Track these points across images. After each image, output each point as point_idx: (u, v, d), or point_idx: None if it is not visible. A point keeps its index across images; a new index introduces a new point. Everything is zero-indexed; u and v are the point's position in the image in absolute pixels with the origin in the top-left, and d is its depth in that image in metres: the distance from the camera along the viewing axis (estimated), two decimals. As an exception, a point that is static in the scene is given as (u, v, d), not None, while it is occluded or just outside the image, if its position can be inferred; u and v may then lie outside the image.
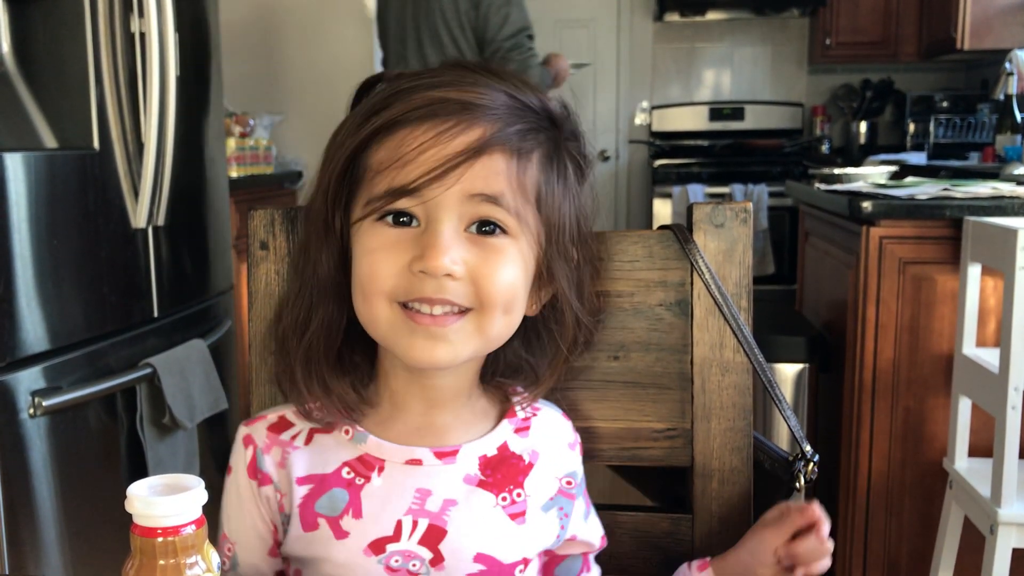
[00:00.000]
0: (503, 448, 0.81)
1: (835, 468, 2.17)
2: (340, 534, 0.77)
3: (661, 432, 0.94)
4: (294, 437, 0.81)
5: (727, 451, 0.93)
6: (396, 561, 0.77)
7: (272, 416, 0.83)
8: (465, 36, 3.13)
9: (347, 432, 0.80)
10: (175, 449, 2.02)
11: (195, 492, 0.57)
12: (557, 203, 0.77)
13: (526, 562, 0.81)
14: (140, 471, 1.91)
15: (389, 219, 0.74)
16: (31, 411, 1.66)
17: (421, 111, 0.72)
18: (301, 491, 0.79)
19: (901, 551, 2.09)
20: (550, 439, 0.84)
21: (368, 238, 0.74)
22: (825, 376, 2.28)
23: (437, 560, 0.77)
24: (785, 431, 2.11)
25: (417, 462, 0.78)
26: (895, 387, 2.02)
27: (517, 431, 0.83)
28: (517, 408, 0.84)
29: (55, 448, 1.72)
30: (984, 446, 1.86)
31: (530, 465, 0.81)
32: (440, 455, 0.79)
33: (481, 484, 0.79)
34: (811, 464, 0.92)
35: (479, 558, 0.78)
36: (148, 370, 1.92)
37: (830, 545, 0.80)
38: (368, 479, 0.78)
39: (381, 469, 0.78)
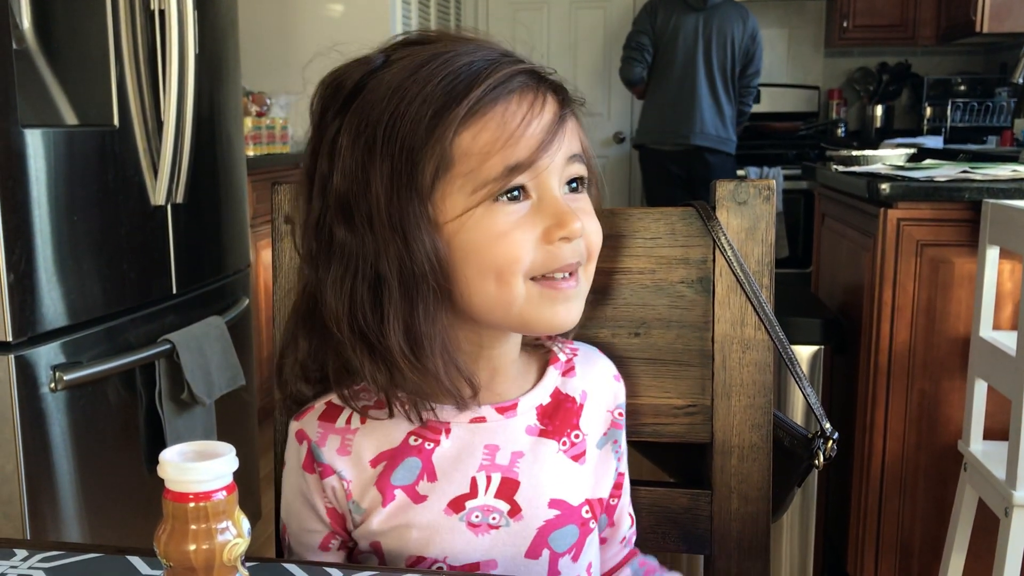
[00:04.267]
0: (556, 393, 0.84)
1: (849, 450, 2.18)
2: (418, 499, 0.80)
3: (681, 408, 0.94)
4: (348, 420, 0.81)
5: (747, 428, 0.94)
6: (476, 516, 0.80)
7: (319, 405, 0.83)
8: (737, 62, 4.09)
9: (404, 404, 0.78)
10: (193, 425, 2.03)
11: (227, 458, 0.57)
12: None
13: (589, 503, 0.83)
14: (158, 446, 1.92)
15: (505, 198, 0.73)
16: (52, 386, 1.67)
17: (507, 87, 0.73)
18: (376, 471, 0.80)
19: (915, 533, 2.09)
20: (596, 375, 0.87)
21: (494, 221, 0.73)
22: (840, 358, 2.28)
23: (515, 511, 0.80)
24: (799, 410, 2.12)
25: (481, 420, 0.81)
26: (911, 369, 2.02)
27: (564, 374, 0.86)
28: (556, 351, 0.86)
29: (75, 422, 1.74)
30: (999, 429, 1.85)
31: (581, 406, 0.84)
32: (501, 410, 0.82)
33: (542, 433, 0.82)
34: (830, 442, 0.93)
35: (553, 503, 0.81)
36: (167, 346, 1.94)
37: None
38: (437, 443, 0.80)
39: (448, 431, 0.80)
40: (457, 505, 0.79)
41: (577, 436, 0.83)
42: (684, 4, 4.07)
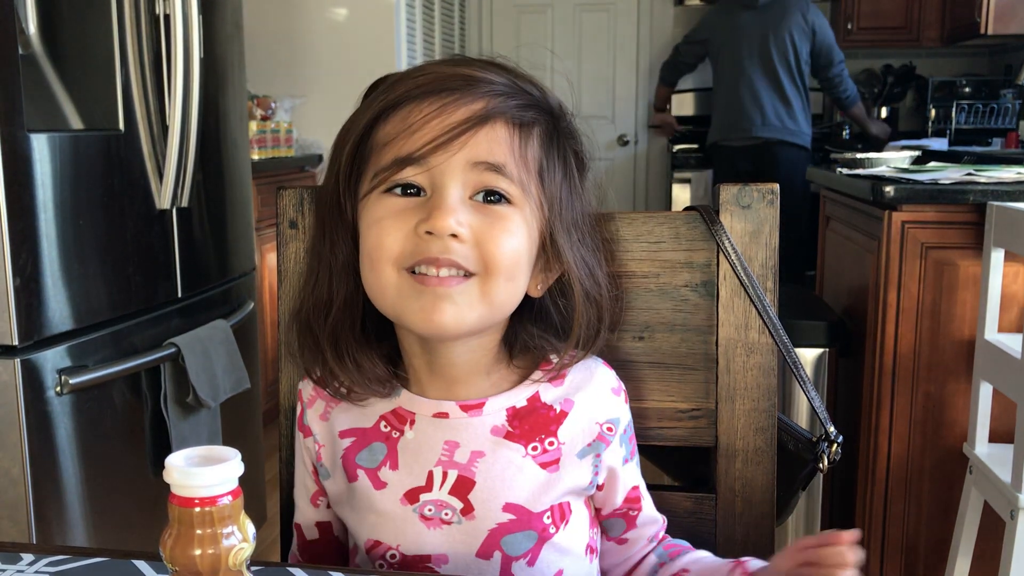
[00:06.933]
0: (534, 398, 0.83)
1: (854, 453, 2.17)
2: (378, 484, 0.82)
3: (685, 412, 0.95)
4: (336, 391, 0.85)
5: (751, 431, 0.94)
6: (429, 510, 0.81)
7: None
8: (802, 54, 3.98)
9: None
10: (198, 428, 2.04)
11: (232, 463, 0.58)
12: (558, 180, 0.80)
13: (552, 510, 0.82)
14: (164, 449, 1.93)
15: (397, 190, 0.76)
16: (57, 389, 1.68)
17: (427, 87, 0.76)
18: (344, 443, 0.84)
19: (920, 536, 2.09)
20: (588, 386, 0.84)
21: (375, 208, 0.76)
22: (845, 361, 2.28)
23: (467, 509, 0.81)
24: (803, 413, 2.12)
25: (444, 415, 0.82)
26: (915, 372, 2.02)
27: (551, 380, 0.83)
28: (553, 358, 0.84)
29: (81, 425, 1.74)
30: (1005, 431, 1.85)
31: (563, 414, 0.82)
32: (465, 408, 0.81)
33: (508, 436, 0.81)
34: (835, 445, 0.93)
35: (508, 507, 0.81)
36: (172, 349, 1.94)
37: (852, 556, 0.71)
38: (402, 432, 0.82)
39: (412, 422, 0.82)
40: (412, 496, 0.81)
41: (551, 443, 0.81)
42: (739, 4, 4.11)
